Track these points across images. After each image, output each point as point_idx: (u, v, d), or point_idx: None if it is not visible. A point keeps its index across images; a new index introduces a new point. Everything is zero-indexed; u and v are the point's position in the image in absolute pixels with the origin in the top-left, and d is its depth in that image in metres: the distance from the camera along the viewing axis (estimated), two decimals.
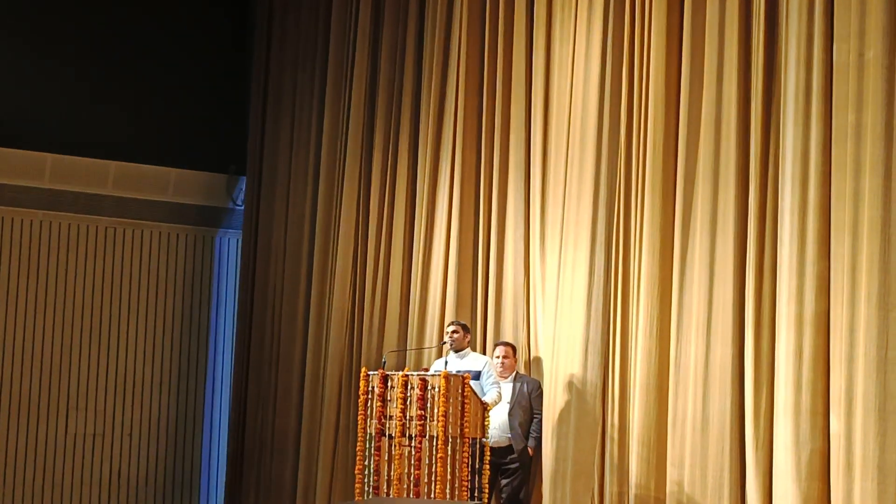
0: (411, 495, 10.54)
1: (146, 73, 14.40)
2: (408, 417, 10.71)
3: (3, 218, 13.71)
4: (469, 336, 11.83)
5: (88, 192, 14.08)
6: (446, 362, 11.28)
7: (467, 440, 10.72)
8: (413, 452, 10.63)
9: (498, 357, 11.68)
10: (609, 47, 11.55)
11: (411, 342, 12.71)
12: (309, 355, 13.63)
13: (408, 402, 10.72)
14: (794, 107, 10.30)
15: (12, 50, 13.72)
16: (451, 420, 10.59)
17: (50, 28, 13.89)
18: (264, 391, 14.05)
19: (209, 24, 14.96)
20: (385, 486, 10.75)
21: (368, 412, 10.91)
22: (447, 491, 10.53)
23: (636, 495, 10.92)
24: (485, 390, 11.33)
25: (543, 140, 12.10)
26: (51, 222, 13.93)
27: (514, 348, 11.82)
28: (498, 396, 11.31)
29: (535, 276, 12.01)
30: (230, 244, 14.96)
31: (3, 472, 13.61)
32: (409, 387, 10.74)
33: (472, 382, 10.91)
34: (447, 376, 10.60)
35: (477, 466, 10.89)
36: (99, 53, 14.18)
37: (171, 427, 14.52)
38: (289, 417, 13.74)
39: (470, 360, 11.54)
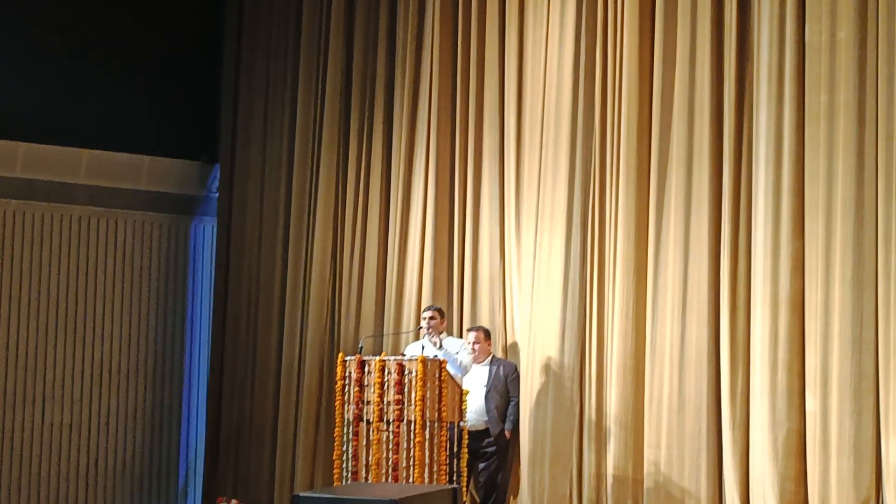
0: (390, 480, 10.55)
1: (118, 60, 14.31)
2: (385, 402, 10.71)
3: None
4: (444, 320, 11.82)
5: (61, 181, 14.01)
6: (423, 346, 11.28)
7: (445, 424, 10.73)
8: (391, 437, 10.63)
9: (469, 343, 11.68)
10: (582, 31, 11.57)
11: (388, 327, 12.71)
12: (285, 343, 13.62)
13: (385, 387, 10.72)
14: (767, 88, 10.35)
15: None
16: (428, 404, 10.59)
17: (20, 17, 13.80)
18: (241, 379, 14.02)
19: (180, 10, 14.88)
20: (363, 472, 10.75)
21: (346, 398, 10.91)
22: (425, 475, 10.55)
23: (614, 476, 10.96)
24: (459, 357, 11.31)
25: (518, 124, 12.11)
26: (24, 212, 13.85)
27: (486, 332, 11.83)
28: (470, 362, 11.32)
29: (511, 259, 12.03)
30: (205, 232, 14.90)
31: None
32: (386, 371, 10.73)
33: (449, 367, 10.93)
34: (424, 360, 10.61)
35: (455, 450, 10.91)
36: (70, 41, 14.08)
37: (149, 416, 14.47)
38: (265, 405, 13.72)
39: (446, 345, 11.53)
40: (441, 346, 11.39)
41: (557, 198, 11.58)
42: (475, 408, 11.47)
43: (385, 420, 10.69)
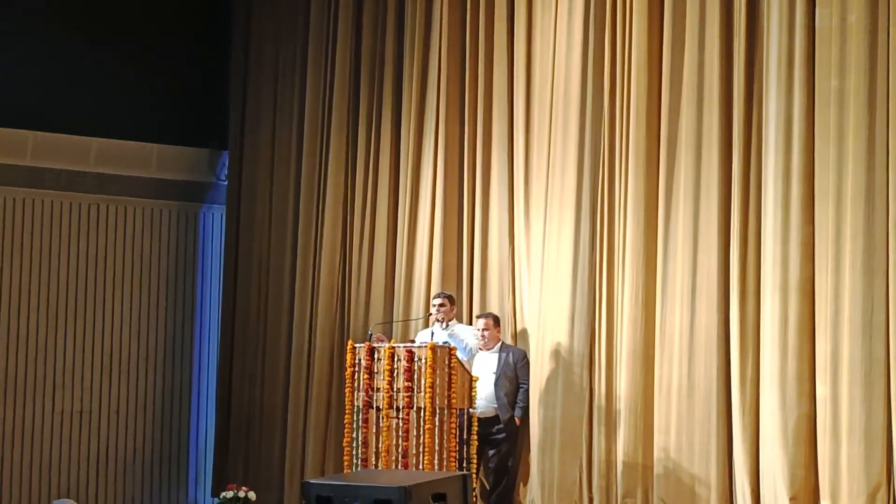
0: (399, 467, 10.56)
1: (126, 48, 14.31)
2: (395, 389, 10.72)
3: None
4: (454, 307, 11.80)
5: (70, 169, 14.02)
6: (432, 333, 11.27)
7: (455, 411, 10.74)
8: (401, 424, 10.64)
9: (478, 329, 11.67)
10: (591, 16, 11.52)
11: (398, 314, 12.71)
12: (294, 329, 13.63)
13: (395, 374, 10.73)
14: (777, 73, 10.30)
15: None
16: (438, 391, 10.60)
17: (27, 5, 13.80)
18: (251, 366, 14.03)
19: None
20: (373, 458, 10.77)
21: (355, 385, 10.91)
22: (435, 462, 10.56)
23: (624, 462, 10.96)
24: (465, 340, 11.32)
25: (526, 110, 12.09)
26: (33, 200, 13.87)
27: (495, 319, 11.82)
28: (475, 346, 11.33)
29: (521, 246, 12.01)
30: (214, 219, 14.92)
31: None
32: (395, 358, 10.74)
33: (458, 354, 10.93)
34: (434, 347, 10.61)
35: (465, 437, 10.91)
36: (78, 29, 14.08)
37: (158, 403, 14.50)
38: (276, 392, 13.74)
39: (456, 332, 11.51)
40: (447, 327, 11.41)
41: (566, 184, 11.56)
42: (485, 395, 11.47)
43: (395, 407, 10.70)
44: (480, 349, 11.57)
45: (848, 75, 9.98)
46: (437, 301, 11.63)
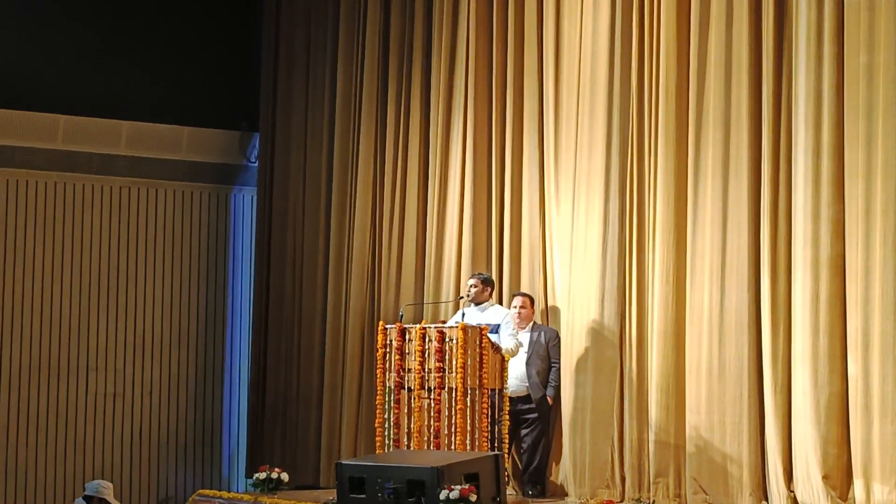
0: (431, 447, 10.58)
1: (156, 30, 14.38)
2: (426, 370, 10.73)
3: (17, 180, 13.75)
4: (490, 289, 11.73)
5: (102, 152, 14.11)
6: (463, 314, 11.27)
7: (486, 391, 10.75)
8: (432, 405, 10.66)
9: (515, 307, 11.68)
10: None
11: (428, 295, 12.73)
12: (329, 310, 13.67)
13: (426, 355, 10.75)
14: (806, 49, 10.24)
15: (23, 12, 13.71)
16: (469, 371, 10.60)
17: None
18: (286, 347, 14.09)
19: None
20: (405, 439, 10.79)
21: (387, 366, 10.93)
22: (467, 442, 10.57)
23: (655, 441, 10.95)
24: (501, 340, 11.28)
25: (555, 89, 12.06)
26: (65, 183, 13.97)
27: (531, 299, 11.83)
28: (515, 347, 11.26)
29: (551, 225, 12.00)
30: (245, 201, 14.99)
31: (25, 433, 13.71)
32: (427, 339, 10.76)
33: (490, 335, 10.92)
34: (465, 328, 10.61)
35: (496, 417, 10.93)
36: (109, 12, 14.16)
37: (192, 385, 14.59)
38: (312, 373, 13.79)
39: (490, 313, 11.47)
40: (472, 303, 11.40)
41: (595, 162, 11.53)
42: (516, 374, 11.47)
43: (426, 388, 10.72)
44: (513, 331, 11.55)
45: (877, 51, 9.90)
46: (471, 282, 11.61)
